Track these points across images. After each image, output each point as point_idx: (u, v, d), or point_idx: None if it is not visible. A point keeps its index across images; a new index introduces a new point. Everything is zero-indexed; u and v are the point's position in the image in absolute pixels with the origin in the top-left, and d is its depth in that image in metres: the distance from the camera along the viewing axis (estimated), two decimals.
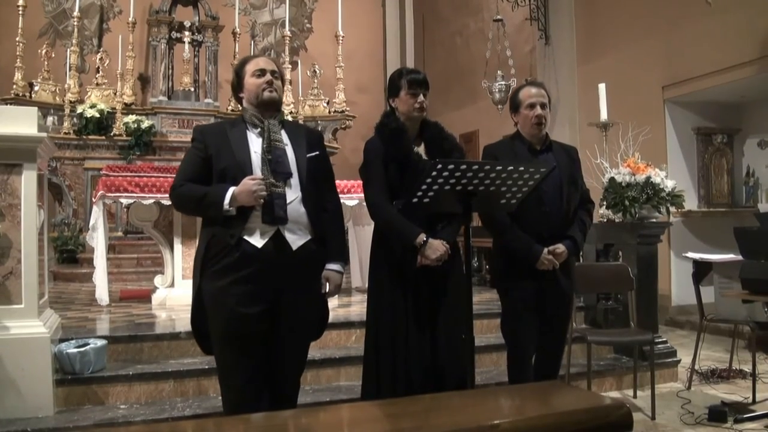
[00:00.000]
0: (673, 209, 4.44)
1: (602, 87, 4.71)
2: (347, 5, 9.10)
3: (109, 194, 4.50)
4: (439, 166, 2.23)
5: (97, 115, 7.73)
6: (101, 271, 4.74)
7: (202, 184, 2.42)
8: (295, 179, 2.44)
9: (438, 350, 2.75)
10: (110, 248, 5.98)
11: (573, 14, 7.58)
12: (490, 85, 7.61)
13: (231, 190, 2.34)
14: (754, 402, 3.72)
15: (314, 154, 2.53)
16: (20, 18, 7.56)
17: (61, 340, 3.38)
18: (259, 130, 2.48)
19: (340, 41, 8.94)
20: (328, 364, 3.73)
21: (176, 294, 4.67)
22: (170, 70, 8.76)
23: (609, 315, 4.49)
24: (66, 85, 7.95)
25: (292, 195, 2.42)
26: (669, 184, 4.28)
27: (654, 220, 4.33)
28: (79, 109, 7.73)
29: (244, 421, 1.62)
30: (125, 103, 8.07)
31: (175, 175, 2.52)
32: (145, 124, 7.92)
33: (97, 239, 4.70)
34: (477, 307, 4.16)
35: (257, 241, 2.37)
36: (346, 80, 9.17)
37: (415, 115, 2.80)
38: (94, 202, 4.82)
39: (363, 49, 10.71)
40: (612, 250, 4.54)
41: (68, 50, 8.20)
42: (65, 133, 7.63)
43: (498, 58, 7.65)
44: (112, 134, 7.78)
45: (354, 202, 4.90)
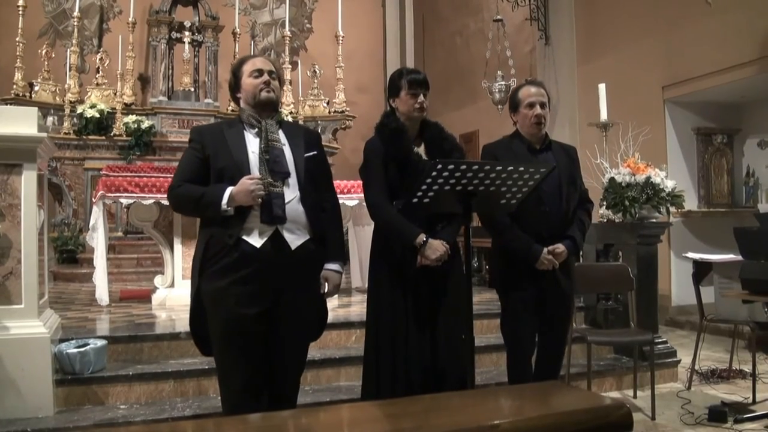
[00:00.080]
0: (673, 209, 4.44)
1: (602, 87, 4.71)
2: (347, 5, 9.09)
3: (109, 194, 4.51)
4: (439, 167, 2.23)
5: (97, 115, 7.72)
6: (101, 271, 4.74)
7: (200, 184, 2.41)
8: (293, 179, 2.44)
9: (438, 350, 2.75)
10: (110, 248, 5.98)
11: (573, 14, 7.58)
12: (490, 85, 7.61)
13: (228, 189, 2.33)
14: (754, 402, 3.72)
15: (312, 154, 2.53)
16: (20, 18, 7.56)
17: (61, 340, 3.38)
18: (256, 130, 2.47)
19: (340, 41, 8.94)
20: (328, 364, 3.73)
21: (176, 294, 4.68)
22: (170, 71, 8.75)
23: (609, 315, 4.49)
24: (66, 85, 7.94)
25: (291, 194, 2.42)
26: (669, 185, 4.28)
27: (654, 220, 4.33)
28: (79, 109, 7.73)
29: (244, 421, 1.61)
30: (125, 104, 8.06)
31: (173, 176, 2.51)
32: (145, 124, 7.92)
33: (97, 239, 4.71)
34: (477, 307, 4.16)
35: (256, 240, 2.36)
36: (346, 80, 9.17)
37: (416, 115, 2.80)
38: (94, 203, 4.82)
39: (363, 49, 10.70)
40: (612, 250, 4.54)
41: (68, 50, 8.20)
42: (65, 133, 7.63)
43: (498, 58, 7.66)
44: (112, 134, 7.78)
45: (354, 202, 4.90)
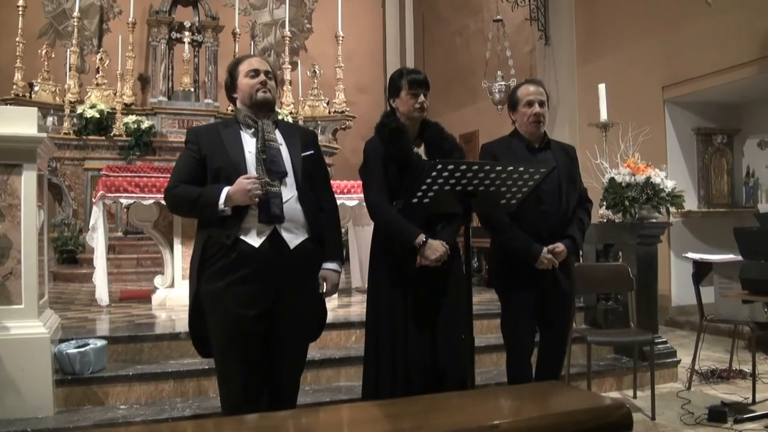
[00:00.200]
0: (673, 209, 4.44)
1: (602, 87, 4.71)
2: (347, 5, 9.09)
3: (109, 194, 4.51)
4: (439, 167, 2.23)
5: (97, 115, 7.73)
6: (101, 271, 4.74)
7: (197, 185, 2.41)
8: (290, 178, 2.44)
9: (438, 350, 2.74)
10: (110, 248, 5.98)
11: (573, 14, 7.58)
12: (490, 85, 7.61)
13: (225, 189, 2.33)
14: (754, 402, 3.71)
15: (309, 153, 2.53)
16: (20, 18, 7.56)
17: (61, 341, 3.38)
18: (252, 130, 2.47)
19: (340, 41, 8.94)
20: (328, 364, 3.73)
21: (176, 294, 4.67)
22: (170, 71, 8.75)
23: (609, 315, 4.49)
24: (66, 86, 7.94)
25: (288, 194, 2.42)
26: (669, 185, 4.28)
27: (654, 220, 4.33)
28: (79, 110, 7.73)
29: (244, 421, 1.62)
30: (125, 104, 8.06)
31: (170, 177, 2.51)
32: (145, 124, 7.92)
33: (97, 239, 4.71)
34: (477, 307, 4.16)
35: (254, 240, 2.36)
36: (346, 80, 9.17)
37: (416, 115, 2.80)
38: (94, 203, 4.82)
39: (363, 50, 10.70)
40: (612, 250, 4.54)
41: (68, 50, 8.20)
42: (65, 133, 7.63)
43: (498, 58, 7.66)
44: (112, 134, 7.78)
45: (354, 202, 4.90)
